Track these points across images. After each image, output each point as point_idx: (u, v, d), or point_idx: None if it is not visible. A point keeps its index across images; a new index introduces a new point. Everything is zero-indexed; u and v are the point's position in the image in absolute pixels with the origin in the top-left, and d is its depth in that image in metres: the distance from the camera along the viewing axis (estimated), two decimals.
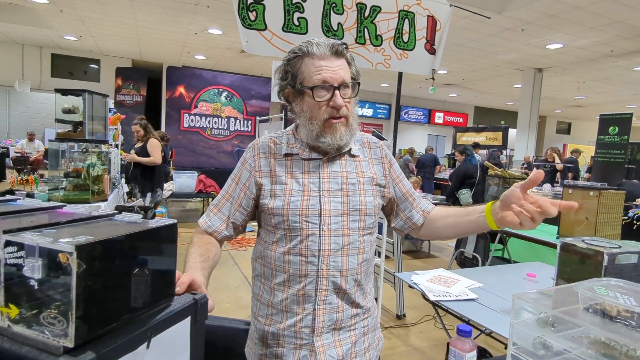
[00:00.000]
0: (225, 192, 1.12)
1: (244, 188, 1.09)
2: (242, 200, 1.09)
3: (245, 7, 2.41)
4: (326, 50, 1.01)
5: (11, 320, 0.49)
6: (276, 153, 1.09)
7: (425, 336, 3.19)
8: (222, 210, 1.10)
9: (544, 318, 0.85)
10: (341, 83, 1.01)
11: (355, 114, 1.09)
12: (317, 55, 1.01)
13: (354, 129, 1.07)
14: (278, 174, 1.06)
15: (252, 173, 1.08)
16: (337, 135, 1.03)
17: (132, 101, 10.82)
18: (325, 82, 1.00)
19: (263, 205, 1.06)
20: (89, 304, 0.48)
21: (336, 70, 1.01)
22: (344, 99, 1.01)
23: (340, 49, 1.02)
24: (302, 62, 1.02)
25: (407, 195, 1.18)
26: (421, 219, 1.18)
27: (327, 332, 1.02)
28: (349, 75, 1.04)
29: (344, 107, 1.02)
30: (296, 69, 1.03)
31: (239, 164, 1.14)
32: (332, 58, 1.01)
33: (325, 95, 1.01)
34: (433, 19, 2.99)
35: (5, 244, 0.49)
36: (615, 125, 7.03)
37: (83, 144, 3.46)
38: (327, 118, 1.02)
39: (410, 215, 1.18)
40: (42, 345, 0.48)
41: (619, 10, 5.94)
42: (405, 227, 1.19)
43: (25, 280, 0.48)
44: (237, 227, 1.12)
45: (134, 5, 7.00)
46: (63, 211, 0.71)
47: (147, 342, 0.57)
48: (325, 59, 1.01)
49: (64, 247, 0.47)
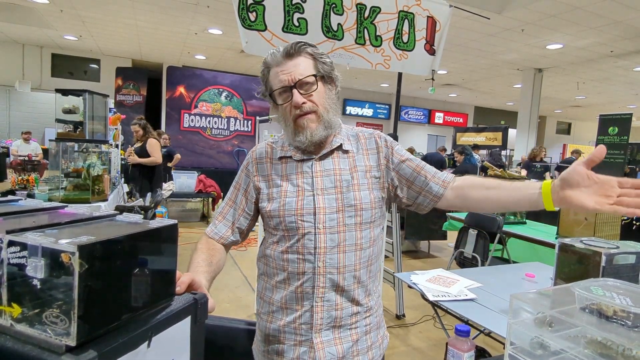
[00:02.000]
0: (229, 199, 1.16)
1: (245, 193, 1.14)
2: (244, 205, 1.14)
3: (245, 7, 2.41)
4: (279, 56, 1.05)
5: (14, 319, 0.50)
6: (272, 157, 1.13)
7: (424, 336, 3.19)
8: (226, 217, 1.14)
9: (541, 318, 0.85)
10: (296, 81, 1.03)
11: (329, 105, 1.08)
12: (274, 64, 1.06)
13: (330, 120, 1.07)
14: (274, 178, 1.10)
15: (251, 178, 1.13)
16: (309, 132, 1.04)
17: (132, 101, 10.82)
18: (281, 86, 1.04)
19: (262, 208, 1.10)
20: (91, 303, 0.49)
21: (290, 71, 1.03)
22: (305, 94, 1.03)
23: (294, 49, 1.04)
24: (269, 74, 1.08)
25: (418, 170, 1.12)
26: (441, 189, 1.11)
27: (327, 329, 1.03)
28: (309, 71, 1.04)
29: (307, 103, 1.04)
30: (265, 80, 1.09)
31: (239, 171, 1.19)
32: (286, 61, 1.04)
33: (286, 98, 1.05)
34: (433, 20, 3.00)
35: (9, 243, 0.50)
36: (615, 126, 7.03)
37: (83, 144, 3.46)
38: (295, 117, 1.05)
39: (428, 189, 1.11)
40: (45, 343, 0.48)
41: (618, 11, 5.95)
42: (426, 202, 1.12)
43: (27, 280, 0.49)
44: (242, 231, 1.16)
45: (134, 5, 7.00)
46: (64, 211, 0.72)
47: (147, 341, 0.57)
48: (280, 65, 1.05)
49: (66, 247, 0.47)
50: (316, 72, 1.05)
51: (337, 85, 1.12)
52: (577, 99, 13.91)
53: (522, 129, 10.42)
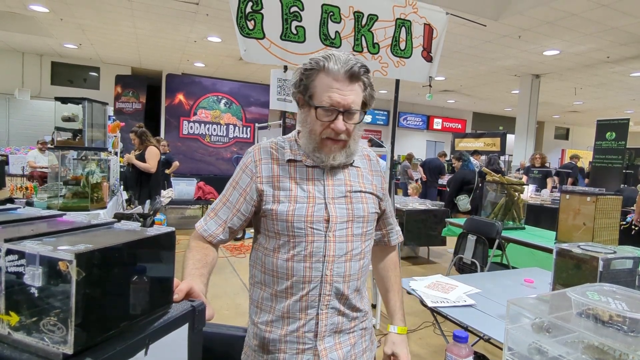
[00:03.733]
0: (223, 197, 1.12)
1: (244, 193, 1.08)
2: (240, 206, 1.08)
3: (243, 16, 2.43)
4: (342, 71, 0.99)
5: (11, 328, 0.50)
6: (279, 159, 1.08)
7: (424, 342, 3.18)
8: (218, 214, 1.10)
9: (538, 323, 0.85)
10: (347, 109, 1.00)
11: (358, 137, 1.09)
12: (332, 74, 0.99)
13: (352, 151, 1.08)
14: (282, 180, 1.06)
15: (253, 179, 1.07)
16: (331, 156, 1.04)
17: (131, 109, 10.85)
18: (331, 105, 1.00)
19: (267, 211, 1.05)
20: (88, 311, 0.49)
21: (346, 94, 1.00)
22: (347, 123, 1.02)
23: (357, 73, 1.00)
24: (317, 76, 1.01)
25: (391, 213, 1.26)
26: (396, 240, 1.29)
27: (329, 335, 1.05)
28: (360, 100, 1.03)
29: (344, 133, 1.02)
30: (309, 81, 1.03)
31: (238, 168, 1.12)
32: (347, 81, 1.00)
33: (328, 117, 1.01)
34: (429, 27, 3.03)
35: (7, 252, 0.50)
36: (612, 131, 7.06)
37: (82, 151, 3.47)
38: (325, 138, 1.03)
39: (390, 232, 1.27)
40: (42, 352, 0.49)
41: (614, 17, 6.00)
42: (381, 241, 1.27)
43: (25, 288, 0.49)
44: (233, 232, 1.12)
45: (133, 13, 7.05)
46: (63, 220, 0.72)
47: (145, 349, 0.57)
48: (338, 81, 0.99)
49: (64, 255, 0.48)
50: (362, 107, 1.05)
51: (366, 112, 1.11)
52: (574, 104, 13.97)
53: (521, 134, 10.46)
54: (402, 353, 1.20)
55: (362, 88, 1.04)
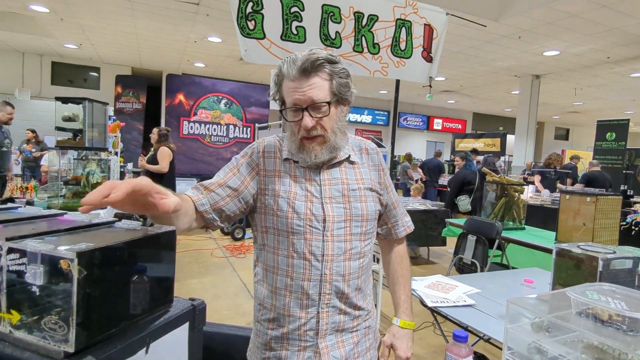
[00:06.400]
0: (220, 179, 1.06)
1: (245, 181, 1.06)
2: (240, 192, 1.05)
3: (244, 16, 2.43)
4: (295, 71, 0.99)
5: (13, 326, 0.50)
6: (280, 155, 1.10)
7: (424, 343, 3.18)
8: (211, 193, 1.03)
9: (538, 323, 0.86)
10: (310, 104, 0.99)
11: (338, 128, 1.05)
12: (289, 76, 1.00)
13: (334, 145, 1.05)
14: (282, 175, 1.07)
15: (257, 171, 1.07)
16: (313, 155, 1.03)
17: (131, 109, 10.85)
18: (294, 105, 1.01)
19: (267, 206, 1.05)
20: (89, 310, 0.49)
21: (305, 91, 0.99)
22: (316, 118, 1.00)
23: (311, 67, 0.98)
24: (283, 82, 1.03)
25: (395, 205, 1.23)
26: (404, 232, 1.27)
27: (331, 333, 1.05)
28: (325, 93, 1.00)
29: (316, 128, 1.01)
30: (279, 88, 1.05)
31: (239, 156, 1.11)
32: (301, 78, 0.99)
33: (296, 117, 1.01)
34: (430, 27, 3.03)
35: (8, 251, 0.50)
36: (612, 131, 7.07)
37: (83, 151, 3.47)
38: (302, 138, 1.03)
39: (395, 225, 1.25)
40: (43, 350, 0.49)
41: (614, 18, 6.00)
42: (388, 235, 1.26)
43: (26, 287, 0.49)
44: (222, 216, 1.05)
45: (134, 14, 7.06)
46: (63, 219, 0.73)
47: (145, 347, 0.58)
48: (295, 80, 1.00)
49: (65, 253, 0.48)
50: (330, 98, 1.01)
51: (350, 102, 1.08)
52: (574, 104, 13.96)
53: (521, 135, 10.45)
54: (401, 346, 1.17)
55: (324, 79, 1.00)
